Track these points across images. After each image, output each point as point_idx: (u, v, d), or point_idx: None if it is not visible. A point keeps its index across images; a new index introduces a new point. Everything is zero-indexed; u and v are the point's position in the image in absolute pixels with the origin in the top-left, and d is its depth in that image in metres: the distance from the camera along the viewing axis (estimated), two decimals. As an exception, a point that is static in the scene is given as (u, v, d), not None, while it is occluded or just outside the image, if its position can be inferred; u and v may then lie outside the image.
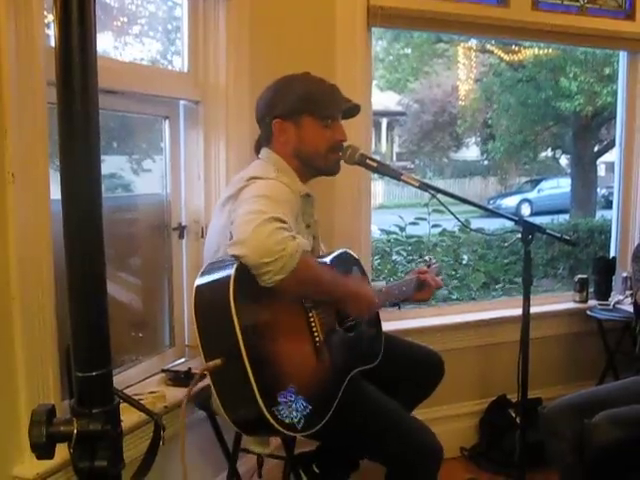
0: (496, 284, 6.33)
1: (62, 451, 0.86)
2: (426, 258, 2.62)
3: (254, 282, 1.69)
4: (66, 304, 0.87)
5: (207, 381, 1.75)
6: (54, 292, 1.78)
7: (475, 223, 4.49)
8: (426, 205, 4.85)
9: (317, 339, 1.89)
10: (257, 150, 2.20)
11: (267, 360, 1.71)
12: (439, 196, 2.18)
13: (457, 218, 2.39)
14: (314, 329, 1.89)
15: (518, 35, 3.46)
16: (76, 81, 0.81)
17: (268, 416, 1.65)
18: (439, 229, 5.87)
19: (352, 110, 2.20)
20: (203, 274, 1.79)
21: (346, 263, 2.22)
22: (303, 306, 1.89)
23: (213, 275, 1.78)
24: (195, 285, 1.77)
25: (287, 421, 1.69)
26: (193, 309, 1.74)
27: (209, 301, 1.75)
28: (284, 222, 1.71)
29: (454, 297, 5.43)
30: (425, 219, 5.36)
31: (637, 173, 3.72)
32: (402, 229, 5.73)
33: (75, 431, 0.85)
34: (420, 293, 2.39)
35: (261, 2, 2.63)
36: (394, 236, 5.89)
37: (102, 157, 0.86)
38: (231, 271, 1.68)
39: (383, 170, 2.19)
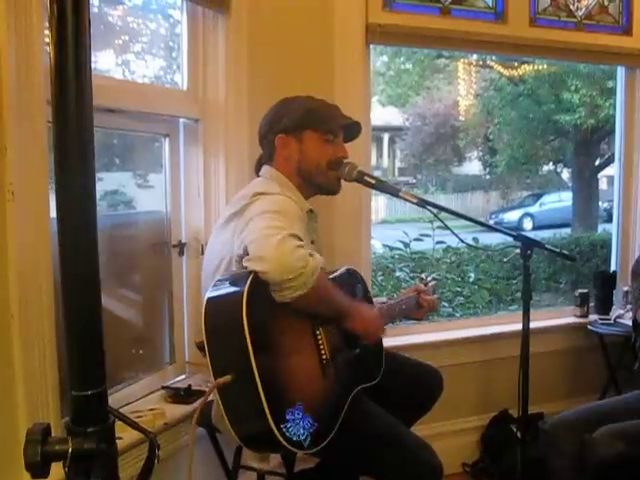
0: (500, 303, 6.30)
1: (57, 470, 0.86)
2: (422, 276, 2.62)
3: (265, 298, 1.68)
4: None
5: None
6: (54, 310, 1.78)
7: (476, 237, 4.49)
8: (430, 222, 4.83)
9: (324, 356, 1.89)
10: (257, 170, 2.20)
11: (277, 377, 1.70)
12: (439, 214, 2.18)
13: (457, 236, 2.37)
14: (321, 346, 1.89)
15: (516, 51, 3.48)
16: (71, 101, 0.82)
17: (277, 433, 1.63)
18: (443, 245, 5.85)
19: (353, 129, 2.21)
20: (214, 288, 1.77)
21: (350, 281, 2.21)
22: (310, 323, 1.88)
23: (225, 289, 1.76)
24: (206, 298, 1.74)
25: (295, 439, 1.67)
26: (203, 323, 1.70)
27: (220, 315, 1.72)
28: (300, 239, 1.72)
29: (458, 315, 5.40)
30: (429, 235, 5.34)
31: (636, 187, 3.72)
32: (407, 245, 5.70)
33: (70, 450, 0.84)
34: (415, 312, 2.41)
35: (259, 20, 2.65)
36: (398, 252, 5.85)
37: (103, 174, 0.87)
38: (244, 287, 1.66)
39: (381, 187, 2.19)
